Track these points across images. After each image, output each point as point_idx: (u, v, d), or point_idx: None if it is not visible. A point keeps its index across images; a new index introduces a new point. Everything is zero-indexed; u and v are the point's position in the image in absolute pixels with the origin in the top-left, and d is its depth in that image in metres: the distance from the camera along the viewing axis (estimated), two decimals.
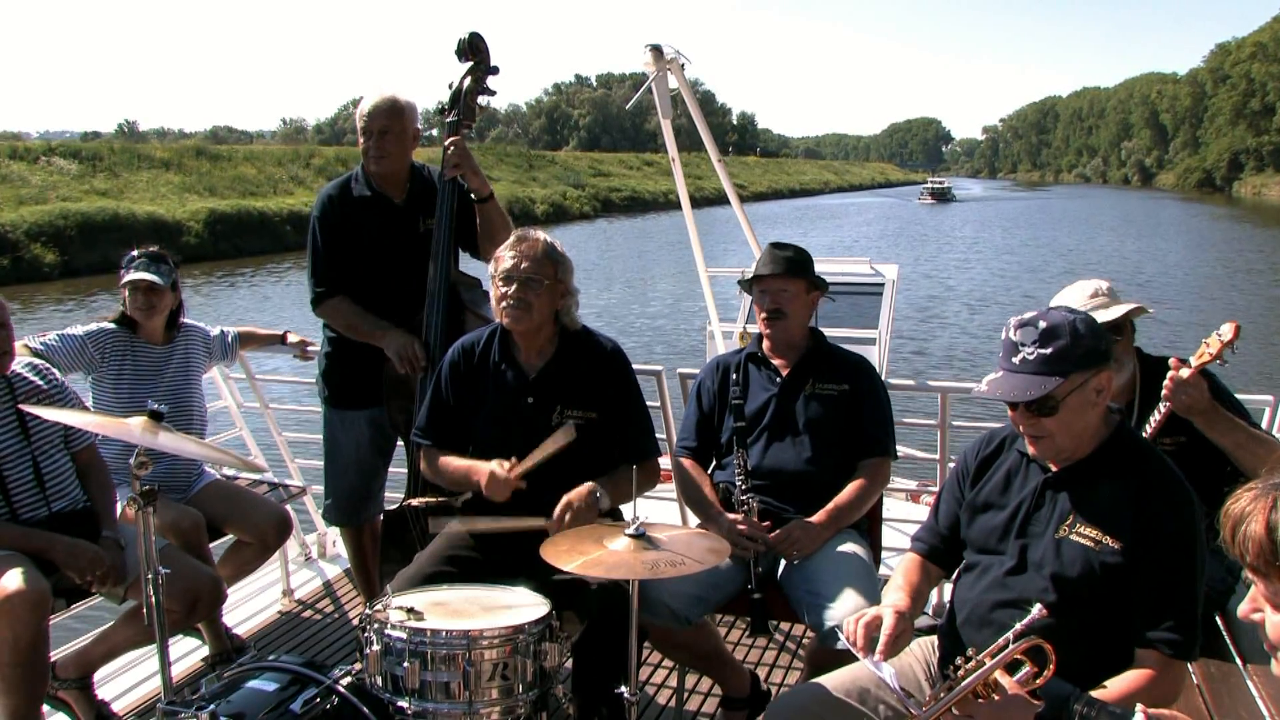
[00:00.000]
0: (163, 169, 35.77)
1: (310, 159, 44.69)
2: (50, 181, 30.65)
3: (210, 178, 36.51)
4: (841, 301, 6.41)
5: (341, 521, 3.93)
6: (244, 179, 37.88)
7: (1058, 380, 2.00)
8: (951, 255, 36.76)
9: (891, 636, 2.01)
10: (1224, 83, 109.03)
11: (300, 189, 38.86)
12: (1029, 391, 2.01)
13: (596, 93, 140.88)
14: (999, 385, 2.05)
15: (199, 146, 44.67)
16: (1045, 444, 2.09)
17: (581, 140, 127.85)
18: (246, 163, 39.95)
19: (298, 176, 40.97)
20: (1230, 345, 2.51)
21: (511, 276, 2.83)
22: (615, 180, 67.56)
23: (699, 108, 6.83)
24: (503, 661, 2.26)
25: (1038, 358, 2.02)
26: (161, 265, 3.59)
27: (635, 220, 55.86)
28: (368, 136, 3.49)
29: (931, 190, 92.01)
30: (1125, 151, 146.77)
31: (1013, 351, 2.06)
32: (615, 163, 76.03)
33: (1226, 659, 2.59)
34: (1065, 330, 2.02)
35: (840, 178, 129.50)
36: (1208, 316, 19.37)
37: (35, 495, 3.02)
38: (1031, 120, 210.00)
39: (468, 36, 3.57)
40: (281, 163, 42.21)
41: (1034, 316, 2.07)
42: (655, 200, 65.10)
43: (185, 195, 33.81)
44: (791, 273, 3.09)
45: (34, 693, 2.83)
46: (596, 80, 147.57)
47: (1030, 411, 2.05)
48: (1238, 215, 65.38)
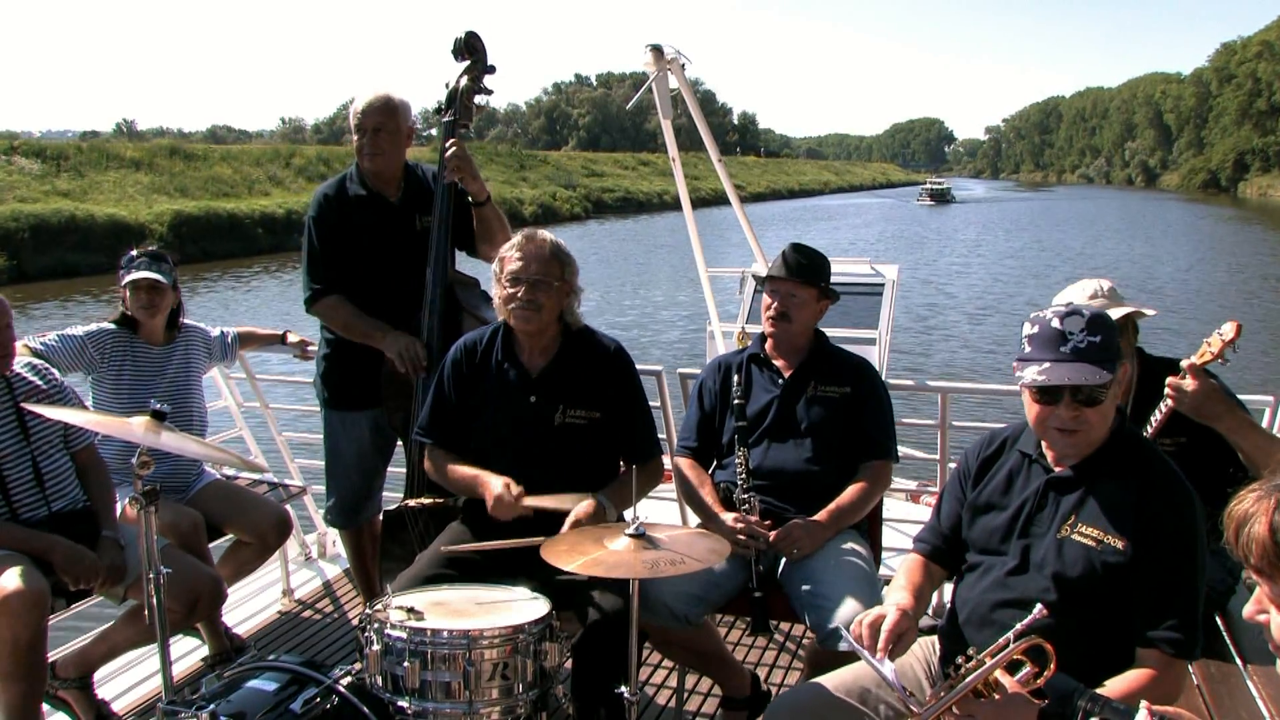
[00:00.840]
0: (131, 169, 33.89)
1: (291, 158, 43.11)
2: (9, 182, 28.88)
3: (182, 178, 34.86)
4: (841, 301, 6.40)
5: (344, 524, 3.93)
6: (218, 179, 36.27)
7: (1110, 369, 2.00)
8: (950, 259, 35.59)
9: (894, 633, 1.99)
10: (1229, 82, 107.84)
11: (278, 190, 37.69)
12: (1095, 376, 1.97)
13: (596, 92, 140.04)
14: (1055, 373, 2.00)
15: (173, 145, 42.01)
16: (1080, 437, 2.06)
17: (581, 140, 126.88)
18: (223, 163, 38.47)
19: (276, 177, 39.49)
20: (1232, 344, 2.51)
21: (520, 278, 2.83)
22: (609, 180, 66.02)
23: (699, 108, 6.83)
24: (503, 661, 2.26)
25: (1089, 346, 2.00)
26: (162, 264, 3.60)
27: (626, 222, 54.48)
28: (361, 134, 3.50)
29: (930, 191, 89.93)
30: (1129, 152, 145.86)
31: (1059, 340, 2.02)
32: (610, 163, 74.58)
33: (1227, 659, 2.59)
34: (1104, 322, 2.04)
35: (840, 178, 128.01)
36: (1221, 320, 19.08)
37: (35, 495, 3.03)
38: (1034, 120, 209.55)
39: (464, 36, 3.57)
40: (260, 162, 40.62)
41: (1070, 308, 2.05)
42: (649, 201, 63.93)
43: (153, 196, 32.03)
44: (804, 278, 3.09)
45: (33, 692, 2.83)
46: (596, 80, 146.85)
47: (1075, 403, 2.02)
48: (1246, 217, 64.27)
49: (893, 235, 47.73)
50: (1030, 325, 2.08)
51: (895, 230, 51.77)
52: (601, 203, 59.87)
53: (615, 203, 61.28)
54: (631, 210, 60.82)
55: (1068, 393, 2.02)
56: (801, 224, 53.06)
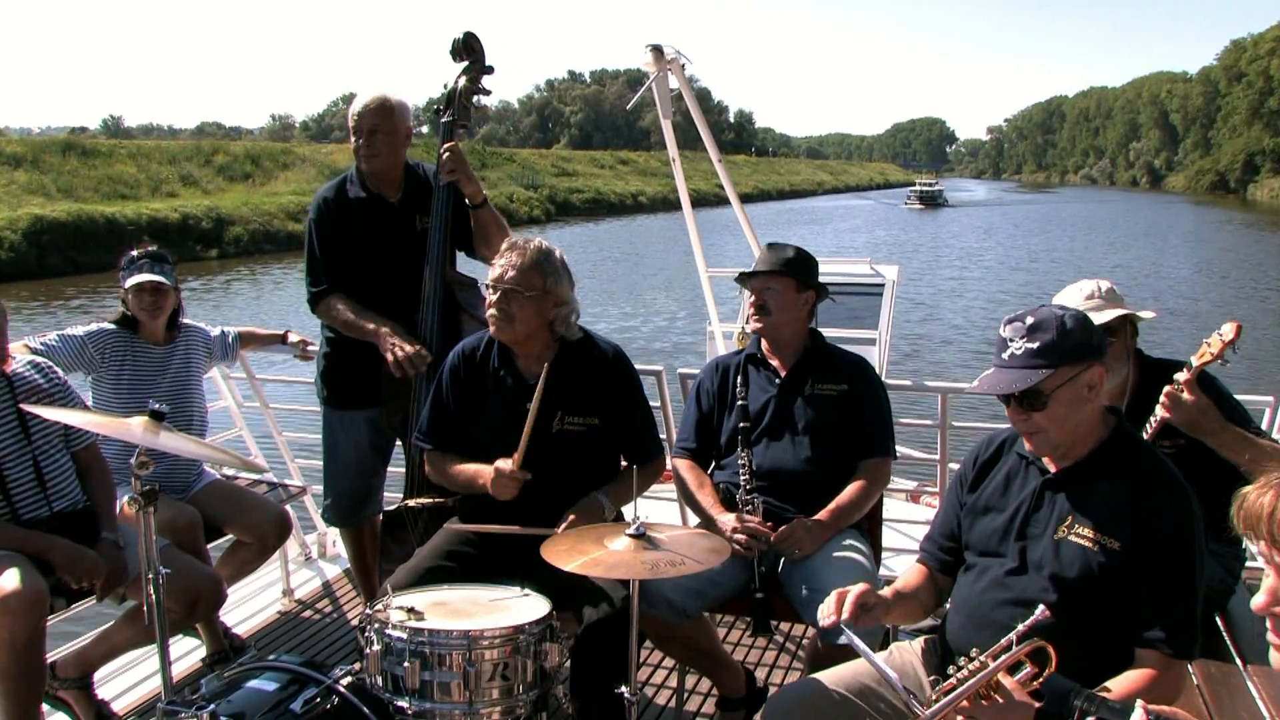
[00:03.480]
0: (11, 167, 30.63)
1: (213, 155, 39.84)
2: None
3: (71, 178, 31.59)
4: (841, 302, 6.41)
5: (341, 522, 3.93)
6: (117, 179, 33.12)
7: (1044, 373, 2.01)
8: (940, 276, 29.43)
9: (858, 600, 2.07)
10: (1239, 81, 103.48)
11: (189, 190, 34.92)
12: (1015, 384, 2.03)
13: (589, 89, 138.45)
14: (988, 380, 2.08)
15: (70, 141, 38.49)
16: (1039, 439, 2.11)
17: (573, 138, 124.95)
18: (129, 160, 35.19)
19: (190, 176, 36.27)
20: (1231, 345, 2.50)
21: (496, 285, 2.83)
22: (580, 180, 61.62)
23: (699, 108, 6.84)
24: (503, 661, 2.26)
25: (1024, 351, 2.04)
26: (164, 265, 3.60)
27: (589, 226, 49.92)
28: (358, 135, 3.49)
29: (920, 194, 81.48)
30: (1133, 153, 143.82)
31: (1002, 348, 2.09)
32: (586, 161, 70.59)
33: (1226, 659, 2.59)
34: (1052, 324, 2.04)
35: (836, 178, 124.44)
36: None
37: (36, 495, 3.03)
38: (1037, 120, 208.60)
39: (462, 36, 3.57)
40: (176, 160, 37.40)
41: (1023, 313, 2.10)
42: (622, 203, 60.27)
43: (28, 198, 28.52)
44: (776, 270, 3.10)
45: (32, 692, 2.83)
46: (590, 76, 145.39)
47: (1021, 408, 2.07)
48: (1266, 221, 59.55)
49: (873, 246, 40.33)
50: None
51: (874, 241, 44.56)
52: (568, 204, 55.72)
53: (583, 205, 56.91)
54: (601, 213, 56.59)
55: (1010, 396, 2.07)
56: (778, 228, 45.90)
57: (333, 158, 43.45)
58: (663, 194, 61.08)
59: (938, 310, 22.79)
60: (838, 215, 66.40)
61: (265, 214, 34.30)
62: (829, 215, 65.90)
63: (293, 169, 41.87)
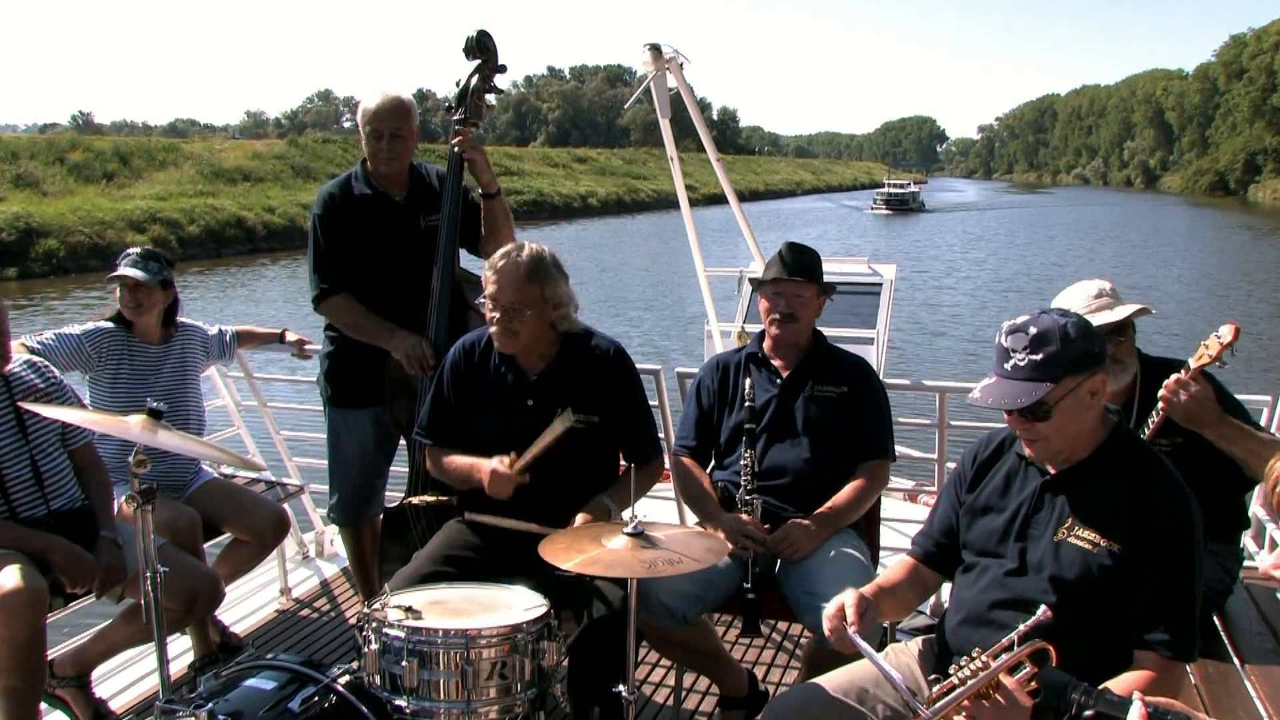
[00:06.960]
0: None
1: (68, 153, 34.36)
2: None
3: None
4: (839, 301, 6.42)
5: (347, 521, 3.92)
6: None
7: (1049, 386, 2.00)
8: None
9: (858, 609, 2.07)
10: (1239, 77, 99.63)
11: (19, 192, 29.60)
12: (1020, 399, 2.01)
13: (568, 85, 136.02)
14: (991, 392, 2.06)
15: None
16: (1040, 446, 2.10)
17: (550, 135, 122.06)
18: None
19: (29, 175, 31.36)
20: (1230, 347, 2.50)
21: (496, 302, 2.82)
22: (522, 180, 55.62)
23: (699, 109, 6.85)
24: (501, 660, 2.26)
25: (1029, 364, 2.02)
26: (150, 263, 3.57)
27: (519, 233, 44.11)
28: (378, 139, 3.47)
29: (887, 197, 66.38)
30: (1128, 152, 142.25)
31: (1004, 358, 2.06)
32: (536, 159, 65.53)
33: (1225, 660, 2.60)
34: (1056, 335, 2.02)
35: (818, 178, 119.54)
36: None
37: (34, 494, 3.02)
38: (1029, 119, 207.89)
39: (475, 35, 3.58)
40: (16, 156, 32.52)
41: (1025, 321, 2.07)
42: (568, 205, 55.42)
43: None
44: (806, 277, 3.09)
45: (31, 691, 2.82)
46: (570, 72, 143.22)
47: (1024, 417, 2.06)
48: (1270, 227, 55.05)
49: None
50: (996, 334, 2.11)
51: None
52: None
53: (522, 207, 50.41)
54: (543, 216, 51.91)
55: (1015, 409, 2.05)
56: (729, 234, 34.74)
57: (221, 155, 39.94)
58: (617, 195, 58.36)
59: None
60: (797, 222, 56.82)
61: (98, 223, 28.60)
62: (791, 221, 56.56)
63: (169, 169, 36.55)
